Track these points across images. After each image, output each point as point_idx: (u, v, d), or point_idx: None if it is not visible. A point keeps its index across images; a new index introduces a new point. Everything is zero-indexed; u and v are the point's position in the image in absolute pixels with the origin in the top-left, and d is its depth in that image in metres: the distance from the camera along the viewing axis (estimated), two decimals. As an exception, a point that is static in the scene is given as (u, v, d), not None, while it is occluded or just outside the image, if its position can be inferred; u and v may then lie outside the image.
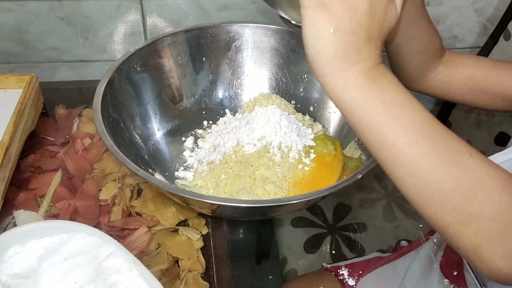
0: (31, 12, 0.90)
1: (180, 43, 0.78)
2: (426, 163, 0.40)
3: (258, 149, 0.70)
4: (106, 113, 0.66)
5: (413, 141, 0.40)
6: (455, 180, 0.40)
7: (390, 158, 0.42)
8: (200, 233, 0.69)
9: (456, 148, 0.41)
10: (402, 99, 0.42)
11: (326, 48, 0.40)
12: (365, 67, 0.41)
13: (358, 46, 0.41)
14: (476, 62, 0.70)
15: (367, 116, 0.41)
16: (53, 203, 0.70)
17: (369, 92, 0.41)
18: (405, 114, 0.41)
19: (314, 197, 0.58)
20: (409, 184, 0.42)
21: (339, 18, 0.40)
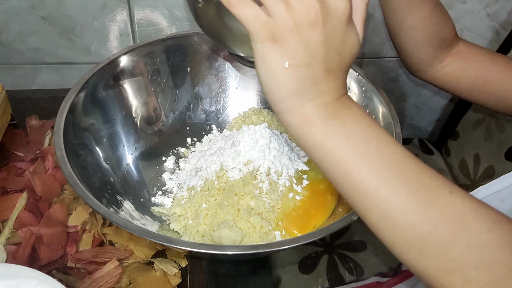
0: (10, 11, 0.80)
1: (160, 53, 0.66)
2: (398, 203, 0.34)
3: (244, 175, 0.59)
4: (71, 135, 0.54)
5: (382, 179, 0.35)
6: (433, 222, 0.33)
7: (360, 199, 0.36)
8: (178, 266, 0.58)
9: (433, 185, 0.35)
10: (368, 133, 0.36)
11: (280, 84, 0.35)
12: (325, 101, 0.36)
13: (315, 79, 0.36)
14: (491, 61, 0.61)
15: (330, 153, 0.36)
16: (16, 230, 0.59)
17: (330, 128, 0.36)
18: (372, 149, 0.36)
19: (301, 242, 0.47)
20: (382, 228, 0.35)
21: (292, 51, 0.35)
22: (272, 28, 0.34)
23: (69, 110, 0.56)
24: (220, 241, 0.55)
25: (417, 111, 1.04)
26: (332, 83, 0.36)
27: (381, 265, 0.81)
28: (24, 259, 0.56)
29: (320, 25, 0.34)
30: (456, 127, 0.98)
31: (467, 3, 0.86)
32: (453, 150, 0.99)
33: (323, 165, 0.37)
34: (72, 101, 0.57)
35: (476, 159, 0.92)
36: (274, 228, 0.57)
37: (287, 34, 0.34)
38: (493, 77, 0.60)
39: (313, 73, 0.35)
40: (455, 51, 0.63)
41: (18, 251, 0.57)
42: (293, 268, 0.80)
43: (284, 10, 0.34)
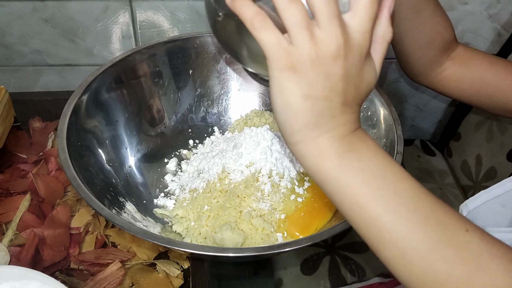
0: (13, 13, 0.80)
1: (162, 55, 0.66)
2: (414, 241, 0.33)
3: (245, 178, 0.59)
4: (74, 137, 0.54)
5: (398, 216, 0.34)
6: (449, 262, 0.33)
7: (374, 235, 0.35)
8: (180, 268, 0.58)
9: (449, 223, 0.34)
10: (385, 168, 0.35)
11: (297, 115, 0.34)
12: (341, 134, 0.35)
13: (332, 113, 0.35)
14: (490, 64, 0.60)
15: (344, 187, 0.35)
16: (19, 231, 0.59)
17: (345, 161, 0.35)
18: (388, 185, 0.35)
19: (303, 245, 0.47)
20: (398, 265, 0.35)
21: (311, 83, 0.34)
22: (293, 57, 0.33)
23: (72, 113, 0.56)
24: (222, 243, 0.55)
25: (419, 112, 1.04)
26: (349, 116, 0.36)
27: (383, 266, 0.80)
28: (27, 261, 0.57)
29: (342, 59, 0.33)
30: (458, 128, 0.98)
31: (468, 4, 0.86)
32: (455, 151, 0.99)
33: (337, 198, 0.36)
34: (75, 104, 0.57)
35: (478, 160, 0.92)
36: (276, 230, 0.57)
37: (308, 65, 0.33)
38: (492, 80, 0.60)
39: (331, 106, 0.35)
40: (455, 54, 0.63)
41: (22, 253, 0.57)
42: (295, 270, 0.80)
43: (308, 40, 0.33)
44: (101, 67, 0.62)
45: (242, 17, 0.33)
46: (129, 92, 0.65)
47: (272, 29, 0.33)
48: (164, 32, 0.84)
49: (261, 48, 0.34)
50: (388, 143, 0.58)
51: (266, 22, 0.33)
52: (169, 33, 0.85)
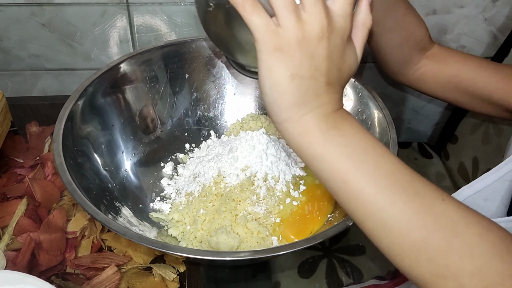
0: (10, 18, 0.80)
1: (158, 59, 0.66)
2: (394, 211, 0.35)
3: (241, 181, 0.59)
4: (70, 142, 0.55)
5: (379, 188, 0.36)
6: (427, 229, 0.34)
7: (357, 207, 0.37)
8: (176, 272, 0.58)
9: (427, 193, 0.36)
10: (366, 144, 0.37)
11: (284, 94, 0.36)
12: (325, 112, 0.37)
13: (317, 91, 0.37)
14: (464, 60, 0.64)
15: (329, 163, 0.37)
16: (16, 236, 0.60)
17: (329, 138, 0.37)
18: (370, 159, 0.37)
19: (298, 248, 0.47)
20: (379, 235, 0.37)
21: (297, 63, 0.36)
22: (281, 39, 0.35)
23: (68, 118, 0.56)
24: (217, 246, 0.55)
25: (416, 115, 1.04)
26: (332, 95, 0.38)
27: (379, 268, 0.81)
28: (23, 265, 0.57)
29: (326, 40, 0.36)
30: (455, 131, 0.99)
31: (464, 7, 0.86)
32: (452, 154, 0.99)
33: (322, 175, 0.38)
34: (71, 109, 0.57)
35: (474, 162, 0.92)
36: (271, 233, 0.57)
37: (294, 45, 0.35)
38: (466, 76, 0.63)
39: (316, 85, 0.36)
40: (430, 53, 0.65)
41: (18, 257, 0.57)
42: (292, 272, 0.80)
43: (295, 23, 0.35)
44: (97, 72, 0.62)
45: (233, 2, 0.35)
46: (125, 96, 0.65)
47: (262, 12, 0.35)
48: (161, 36, 0.85)
49: (251, 35, 0.35)
50: (382, 147, 0.58)
51: (256, 6, 0.35)
52: (167, 37, 0.85)
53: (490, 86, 0.62)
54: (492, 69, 0.63)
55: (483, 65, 0.63)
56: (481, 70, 0.62)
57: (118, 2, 0.80)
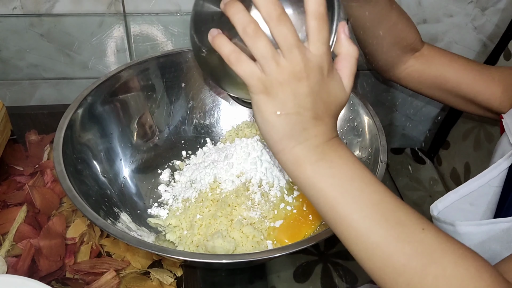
0: (9, 29, 0.82)
1: (155, 69, 0.68)
2: (376, 237, 0.38)
3: (236, 187, 0.61)
4: (69, 150, 0.56)
5: (362, 215, 0.39)
6: (406, 255, 0.38)
7: (343, 231, 0.40)
8: (174, 276, 0.60)
9: (407, 223, 0.39)
10: (353, 174, 0.40)
11: (273, 129, 0.40)
12: (313, 144, 0.40)
13: (304, 125, 0.40)
14: (450, 62, 0.67)
15: (318, 191, 0.40)
16: (16, 242, 0.61)
17: (318, 168, 0.40)
18: (355, 188, 0.40)
19: (291, 250, 0.49)
20: (363, 258, 0.40)
21: (281, 102, 0.39)
22: (265, 83, 0.39)
23: (68, 126, 0.58)
24: (214, 250, 0.57)
25: (409, 122, 1.06)
26: (320, 128, 0.41)
27: (373, 273, 0.83)
28: (24, 271, 0.58)
29: (305, 79, 0.39)
30: (447, 136, 1.01)
31: (454, 16, 0.88)
32: (445, 160, 1.01)
33: (313, 200, 0.41)
34: (71, 117, 0.59)
35: (466, 168, 0.94)
36: (266, 237, 0.59)
37: (277, 87, 0.39)
38: (451, 77, 0.66)
39: (302, 120, 0.40)
40: (418, 54, 0.68)
41: (18, 263, 0.59)
42: (288, 277, 0.82)
43: (275, 68, 0.38)
44: (96, 81, 0.64)
45: (221, 53, 0.40)
46: (123, 105, 0.67)
47: (246, 62, 0.39)
48: (158, 45, 0.87)
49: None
50: (372, 153, 0.60)
51: (241, 57, 0.39)
52: (163, 47, 0.87)
53: (474, 88, 0.65)
54: (477, 71, 0.65)
55: (468, 67, 0.66)
56: (466, 72, 0.65)
57: (116, 13, 0.82)
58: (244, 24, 0.38)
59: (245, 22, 0.38)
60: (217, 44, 0.40)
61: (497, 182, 0.57)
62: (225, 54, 0.40)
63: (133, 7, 0.81)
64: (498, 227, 0.52)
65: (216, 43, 0.40)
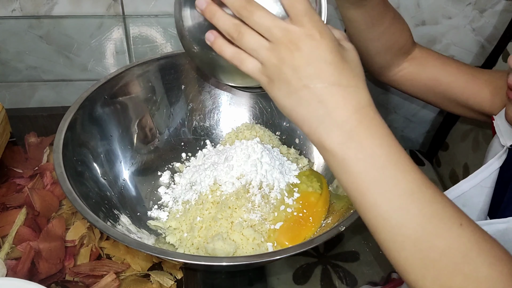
0: (8, 31, 0.82)
1: (155, 71, 0.68)
2: (407, 230, 0.36)
3: (236, 189, 0.61)
4: (69, 152, 0.56)
5: (394, 206, 0.36)
6: (439, 251, 0.35)
7: (371, 220, 0.37)
8: (174, 278, 0.60)
9: (444, 216, 0.36)
10: (386, 159, 0.36)
11: (292, 112, 0.38)
12: (338, 119, 0.36)
13: (318, 97, 0.37)
14: (443, 65, 0.66)
15: (348, 176, 0.37)
16: (16, 245, 0.61)
17: (346, 151, 0.36)
18: (388, 177, 0.36)
19: (291, 253, 0.49)
20: (390, 248, 0.37)
21: (286, 82, 0.37)
22: (267, 72, 0.38)
23: (68, 128, 0.58)
24: (214, 253, 0.57)
25: (408, 123, 1.06)
26: (339, 96, 0.37)
27: (372, 274, 0.83)
28: (23, 274, 0.58)
29: (296, 51, 0.37)
30: (446, 138, 1.01)
31: (452, 18, 0.89)
32: (443, 161, 1.02)
33: (343, 185, 0.38)
34: (71, 120, 0.59)
35: (465, 169, 0.95)
36: (266, 240, 0.59)
37: (276, 71, 0.38)
38: (444, 80, 0.65)
39: (313, 92, 0.37)
40: (411, 56, 0.68)
41: (18, 266, 0.59)
42: (288, 279, 0.82)
43: (266, 54, 0.38)
44: (96, 83, 0.64)
45: (224, 57, 0.40)
46: (123, 107, 0.67)
47: (248, 59, 0.39)
48: (157, 47, 0.87)
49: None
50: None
51: (242, 57, 0.39)
52: (162, 48, 0.87)
53: (467, 92, 0.64)
54: (470, 75, 0.65)
55: (461, 70, 0.65)
56: (459, 75, 0.65)
57: (115, 15, 0.82)
58: (227, 29, 0.39)
59: (227, 26, 0.39)
60: (218, 48, 0.40)
61: (489, 183, 0.56)
62: (229, 58, 0.40)
63: (132, 9, 0.81)
64: (494, 228, 0.52)
65: (217, 48, 0.40)
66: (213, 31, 0.41)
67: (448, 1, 0.86)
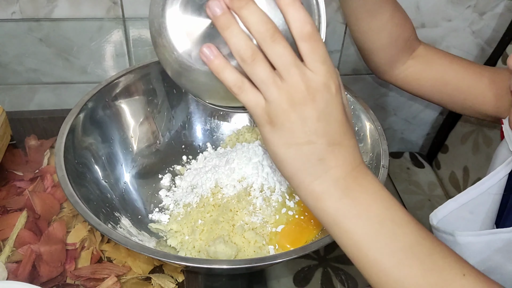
0: (8, 33, 0.82)
1: (156, 74, 0.68)
2: (410, 285, 0.35)
3: (238, 192, 0.61)
4: (71, 155, 0.57)
5: (395, 261, 0.35)
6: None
7: (371, 275, 0.36)
8: (175, 281, 0.60)
9: (446, 267, 0.35)
10: (383, 213, 0.36)
11: (284, 164, 0.36)
12: (334, 177, 0.36)
13: (320, 155, 0.35)
14: (450, 64, 0.64)
15: (343, 232, 0.36)
16: (16, 248, 0.61)
17: (341, 207, 0.36)
18: (386, 231, 0.35)
19: (293, 256, 0.49)
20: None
21: (289, 131, 0.35)
22: (269, 112, 0.35)
23: (69, 131, 0.58)
24: (215, 256, 0.57)
25: (408, 126, 1.07)
26: (339, 155, 0.36)
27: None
28: (24, 277, 0.58)
29: (310, 102, 0.34)
30: (446, 140, 1.01)
31: (452, 21, 0.89)
32: (443, 163, 1.02)
33: (338, 240, 0.37)
34: (72, 123, 0.59)
35: (465, 171, 0.95)
36: (267, 242, 0.59)
37: (281, 115, 0.34)
38: (451, 80, 0.63)
39: (316, 149, 0.35)
40: (416, 54, 0.66)
41: (19, 269, 0.59)
42: (288, 282, 0.82)
43: (277, 94, 0.34)
44: (97, 86, 0.64)
45: (222, 81, 0.35)
46: (124, 110, 0.67)
47: (251, 91, 0.35)
48: (157, 50, 0.87)
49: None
50: (374, 157, 0.60)
51: (245, 86, 0.35)
52: (162, 51, 0.87)
53: (473, 92, 0.63)
54: (478, 74, 0.63)
55: (469, 70, 0.63)
56: (468, 75, 0.63)
57: (115, 17, 0.82)
58: (241, 50, 0.34)
59: (241, 47, 0.34)
60: (215, 69, 0.35)
61: (496, 190, 0.55)
62: (228, 83, 0.35)
63: (132, 11, 0.82)
64: (499, 238, 0.51)
65: (215, 68, 0.35)
66: (212, 46, 0.36)
67: (447, 3, 0.87)
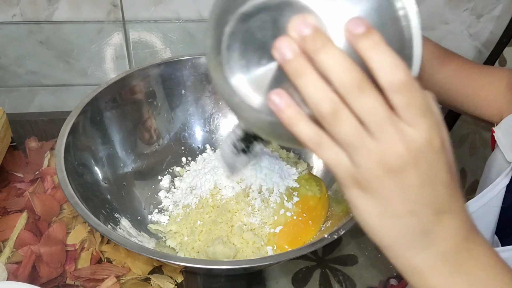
0: (9, 36, 0.83)
1: (155, 76, 0.69)
2: None
3: (236, 193, 0.62)
4: (71, 157, 0.57)
5: None
6: None
7: None
8: (174, 282, 0.61)
9: None
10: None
11: (379, 235, 0.30)
12: (443, 250, 0.30)
13: (424, 227, 0.29)
14: (458, 68, 0.62)
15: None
16: (17, 249, 0.61)
17: (453, 284, 0.30)
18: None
19: (291, 257, 0.50)
20: None
21: (385, 200, 0.29)
22: (357, 176, 0.29)
23: (69, 133, 0.59)
24: (214, 256, 0.57)
25: (406, 128, 1.07)
26: (449, 225, 0.30)
27: (371, 278, 0.83)
28: (24, 278, 0.58)
29: (412, 167, 0.28)
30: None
31: (449, 24, 0.90)
32: (441, 165, 1.02)
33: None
34: (72, 124, 0.59)
35: (462, 173, 0.96)
36: (266, 243, 0.60)
37: (375, 182, 0.28)
38: (458, 86, 0.61)
39: (420, 221, 0.29)
40: None
41: (19, 270, 0.59)
42: (287, 282, 0.82)
43: (366, 157, 0.28)
44: (97, 88, 0.64)
45: (297, 136, 0.29)
46: (124, 112, 0.68)
47: (331, 148, 0.29)
48: (156, 52, 0.87)
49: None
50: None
51: (323, 141, 0.29)
52: (162, 54, 0.88)
53: (464, 93, 0.61)
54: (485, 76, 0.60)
55: (474, 76, 0.61)
56: (473, 82, 0.60)
57: (115, 20, 0.83)
58: (318, 103, 0.27)
59: (319, 100, 0.27)
60: (287, 120, 0.29)
61: (496, 202, 0.53)
62: (303, 139, 0.29)
63: (132, 14, 0.82)
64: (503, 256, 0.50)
65: (286, 119, 0.29)
66: (283, 92, 0.29)
67: (445, 6, 0.87)
